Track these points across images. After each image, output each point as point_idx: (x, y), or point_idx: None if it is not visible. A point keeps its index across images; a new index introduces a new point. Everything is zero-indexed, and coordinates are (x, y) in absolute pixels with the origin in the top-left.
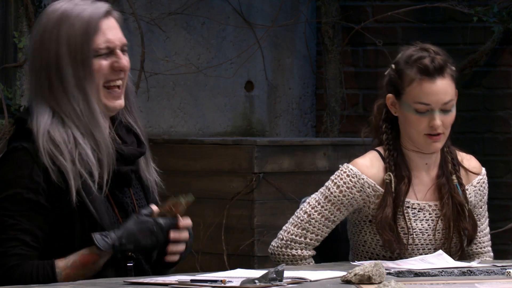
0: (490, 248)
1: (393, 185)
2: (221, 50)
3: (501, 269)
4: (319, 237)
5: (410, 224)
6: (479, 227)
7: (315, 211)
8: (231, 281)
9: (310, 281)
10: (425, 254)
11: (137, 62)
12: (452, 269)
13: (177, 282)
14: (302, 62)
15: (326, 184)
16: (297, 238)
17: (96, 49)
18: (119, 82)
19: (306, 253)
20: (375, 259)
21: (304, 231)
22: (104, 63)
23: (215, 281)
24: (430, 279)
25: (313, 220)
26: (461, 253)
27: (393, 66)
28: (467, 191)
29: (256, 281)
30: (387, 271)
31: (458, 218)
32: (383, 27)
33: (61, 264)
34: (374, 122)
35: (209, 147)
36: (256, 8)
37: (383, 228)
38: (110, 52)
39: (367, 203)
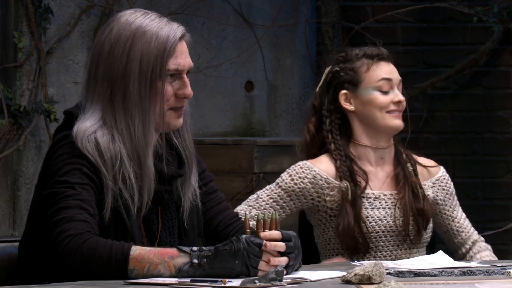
0: (474, 229)
1: (349, 193)
2: (221, 50)
3: (501, 269)
4: None
5: (368, 212)
6: (456, 217)
7: (264, 193)
8: (231, 281)
9: (310, 281)
10: (388, 242)
11: None
12: (452, 269)
13: (177, 282)
14: (302, 62)
15: (281, 175)
16: (242, 212)
17: (166, 71)
18: (181, 107)
19: None
20: (342, 254)
21: (250, 208)
22: (170, 89)
23: (215, 281)
24: (430, 279)
25: (261, 200)
26: (419, 237)
27: (337, 69)
28: (424, 186)
29: (256, 281)
30: (387, 271)
31: (414, 200)
32: (383, 27)
33: (139, 246)
34: (311, 140)
35: (209, 147)
36: (256, 8)
37: (346, 236)
38: (177, 75)
39: (321, 196)
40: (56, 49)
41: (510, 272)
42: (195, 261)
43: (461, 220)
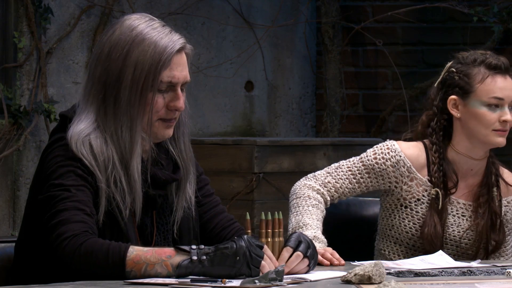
0: None
1: (440, 202)
2: (221, 50)
3: (501, 269)
4: (337, 185)
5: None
6: (507, 241)
7: (345, 164)
8: (231, 281)
9: (310, 281)
10: (447, 250)
11: None
12: (452, 269)
13: (177, 282)
14: (302, 62)
15: (367, 150)
16: (318, 175)
17: (159, 82)
18: (172, 119)
19: (313, 192)
20: (399, 245)
21: (327, 174)
22: (161, 101)
23: (215, 281)
24: (430, 279)
25: (340, 169)
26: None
27: (453, 70)
28: (503, 203)
29: (256, 281)
30: (387, 271)
31: (491, 230)
32: (383, 27)
33: (136, 246)
34: (420, 130)
35: (209, 147)
36: (256, 8)
37: (432, 244)
38: (171, 87)
39: (399, 183)
40: (56, 49)
41: (510, 272)
42: (195, 257)
43: (508, 246)
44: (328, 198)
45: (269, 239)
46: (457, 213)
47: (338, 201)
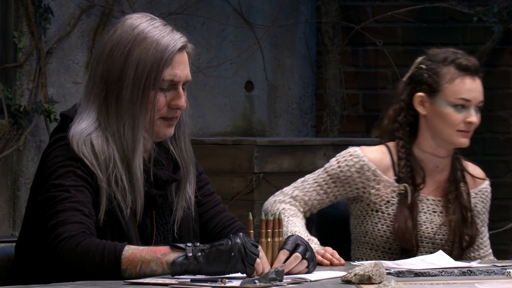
0: (491, 251)
1: (409, 197)
2: (221, 50)
3: (501, 269)
4: (306, 198)
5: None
6: (482, 233)
7: (310, 177)
8: (231, 281)
9: (310, 281)
10: (423, 248)
11: None
12: (452, 269)
13: (177, 282)
14: (302, 62)
15: (330, 160)
16: (285, 191)
17: (160, 80)
18: (173, 118)
19: (286, 205)
20: (376, 250)
21: (294, 188)
22: (162, 99)
23: (215, 281)
24: (430, 279)
25: (306, 182)
26: (459, 257)
27: (423, 66)
28: (471, 196)
29: (256, 281)
30: (387, 271)
31: (463, 224)
32: (383, 27)
33: (132, 246)
34: (387, 125)
35: (209, 147)
36: (256, 8)
37: (405, 240)
38: (172, 86)
39: (366, 188)
40: (56, 49)
41: (510, 272)
42: (190, 254)
43: (485, 237)
44: (301, 209)
45: (269, 239)
46: (428, 210)
47: (309, 214)
